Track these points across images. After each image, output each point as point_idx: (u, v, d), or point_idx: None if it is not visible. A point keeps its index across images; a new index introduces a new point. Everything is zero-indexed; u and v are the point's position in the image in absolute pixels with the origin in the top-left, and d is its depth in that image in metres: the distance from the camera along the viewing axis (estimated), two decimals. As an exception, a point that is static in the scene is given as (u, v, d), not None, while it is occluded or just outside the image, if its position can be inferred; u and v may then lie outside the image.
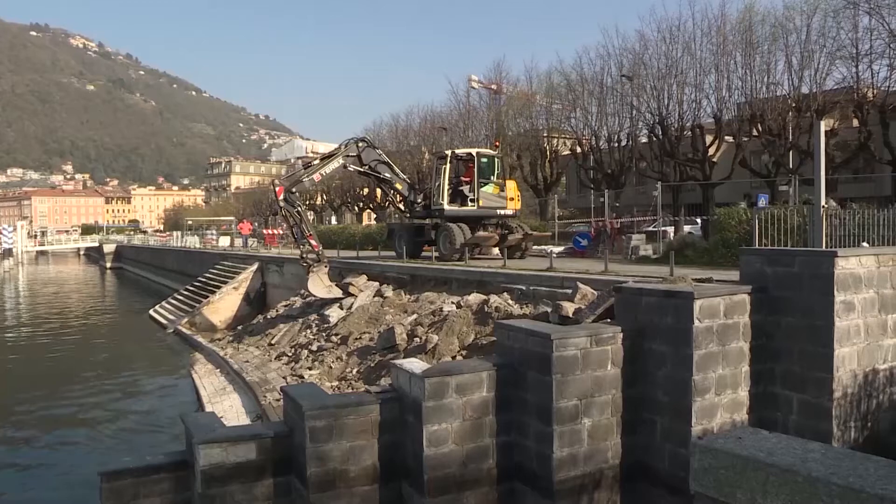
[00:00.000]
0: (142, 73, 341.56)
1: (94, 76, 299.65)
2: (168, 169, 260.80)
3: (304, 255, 15.60)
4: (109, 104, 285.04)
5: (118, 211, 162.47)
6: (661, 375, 6.86)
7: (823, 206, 8.36)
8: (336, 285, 15.90)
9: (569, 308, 8.57)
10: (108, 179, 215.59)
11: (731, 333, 6.86)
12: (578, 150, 28.92)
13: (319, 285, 15.40)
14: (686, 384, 6.62)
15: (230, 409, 12.04)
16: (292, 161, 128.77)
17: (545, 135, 32.41)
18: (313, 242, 15.39)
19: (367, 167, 16.66)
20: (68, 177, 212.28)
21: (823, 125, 9.54)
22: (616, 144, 26.81)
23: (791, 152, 21.17)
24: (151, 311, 27.85)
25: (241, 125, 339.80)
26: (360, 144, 16.54)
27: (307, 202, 58.98)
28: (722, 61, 22.00)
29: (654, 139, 24.17)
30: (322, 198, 59.02)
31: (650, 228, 20.22)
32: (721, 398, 6.77)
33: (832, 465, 3.87)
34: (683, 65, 22.91)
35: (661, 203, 17.85)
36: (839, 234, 8.58)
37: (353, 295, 15.39)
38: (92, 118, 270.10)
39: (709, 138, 22.98)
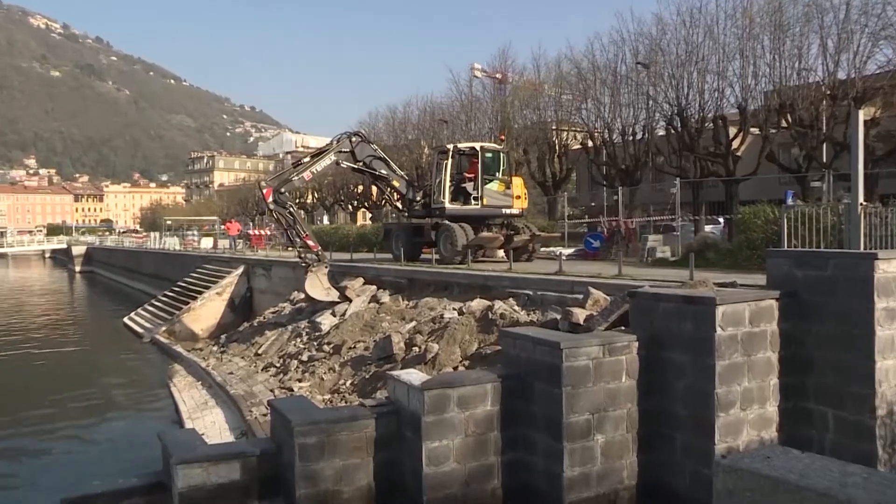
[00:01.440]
0: (114, 58, 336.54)
1: (59, 61, 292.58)
2: (144, 164, 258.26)
3: (303, 256, 15.58)
4: (77, 92, 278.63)
5: (89, 210, 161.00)
6: (681, 388, 6.84)
7: (862, 204, 8.29)
8: (333, 286, 15.89)
9: (580, 315, 8.56)
10: (76, 175, 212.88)
11: (757, 342, 6.84)
12: (590, 143, 28.90)
13: (317, 286, 15.38)
14: (708, 397, 6.60)
15: (212, 426, 12.02)
16: (281, 156, 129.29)
17: (554, 128, 32.40)
18: (311, 244, 15.40)
19: (361, 163, 16.67)
20: (31, 172, 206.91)
21: (862, 114, 9.47)
22: (631, 138, 26.78)
23: (824, 145, 20.90)
24: (126, 319, 27.79)
25: (224, 117, 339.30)
26: (354, 139, 16.55)
27: (296, 200, 59.07)
28: (748, 46, 21.74)
29: (673, 132, 24.11)
30: (313, 196, 59.08)
31: (668, 229, 20.22)
32: (747, 413, 6.74)
33: (877, 492, 3.74)
34: (705, 50, 22.73)
35: (679, 201, 17.86)
36: (879, 235, 8.48)
37: (348, 299, 15.39)
38: (58, 107, 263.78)
39: (732, 130, 22.80)
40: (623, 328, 7.61)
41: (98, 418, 14.58)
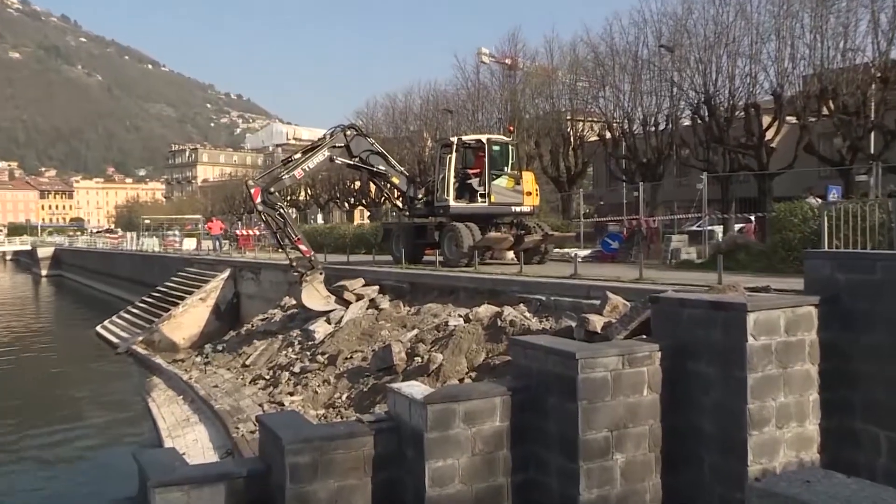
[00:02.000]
0: (83, 40, 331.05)
1: (18, 41, 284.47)
2: (120, 157, 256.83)
3: (294, 264, 15.58)
4: (42, 76, 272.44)
5: (57, 207, 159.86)
6: (709, 403, 6.82)
7: None
8: (330, 289, 15.92)
9: (597, 322, 8.55)
10: (42, 169, 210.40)
11: (794, 353, 6.80)
12: (608, 135, 28.89)
13: (315, 297, 15.38)
14: (739, 414, 6.56)
15: (194, 444, 12.04)
16: (270, 149, 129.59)
17: (569, 118, 32.40)
18: (303, 248, 15.40)
19: (357, 159, 16.70)
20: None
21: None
22: (653, 129, 26.76)
23: (872, 134, 20.59)
24: (99, 328, 27.76)
25: (208, 106, 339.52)
26: (349, 133, 16.59)
27: (288, 198, 59.29)
28: (785, 25, 21.39)
29: (699, 122, 24.04)
30: (306, 193, 59.19)
31: (693, 228, 20.16)
32: (783, 432, 6.70)
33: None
34: (736, 31, 22.52)
35: (706, 197, 17.79)
36: None
37: (346, 303, 15.42)
38: (18, 93, 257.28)
39: (766, 120, 22.62)
40: (644, 337, 7.60)
41: (66, 439, 14.41)
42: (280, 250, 16.22)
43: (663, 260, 15.95)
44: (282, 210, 15.36)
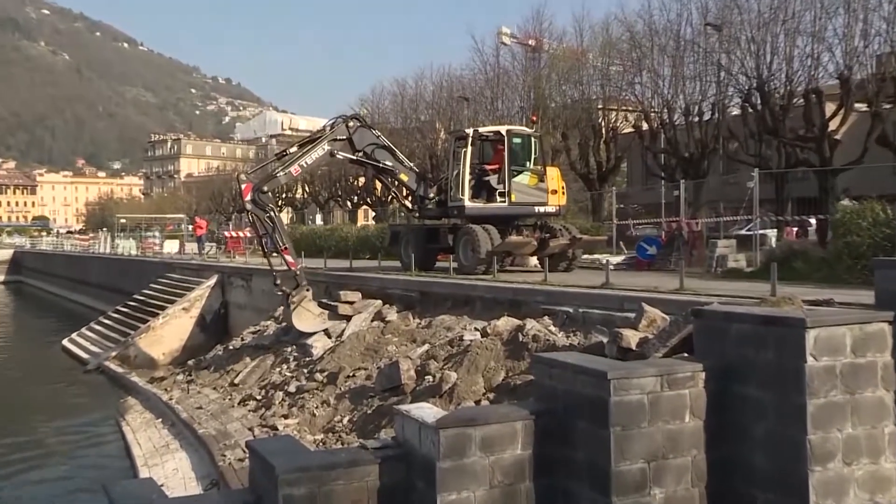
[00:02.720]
0: (46, 12, 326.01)
1: None
2: (92, 148, 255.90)
3: (279, 281, 15.60)
4: None
5: (17, 204, 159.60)
6: (761, 432, 6.77)
7: None
8: (320, 304, 16.00)
9: (631, 338, 8.55)
10: None
11: (863, 377, 6.72)
12: (645, 126, 28.85)
13: (309, 319, 15.45)
14: (798, 447, 6.48)
15: (175, 474, 12.13)
16: (263, 140, 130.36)
17: (600, 107, 32.40)
18: (289, 259, 15.41)
19: (361, 154, 16.80)
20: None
21: None
22: (696, 119, 26.69)
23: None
24: (66, 342, 27.94)
25: (193, 91, 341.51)
26: (352, 124, 16.69)
27: (283, 196, 59.66)
28: (856, -4, 21.01)
29: (751, 111, 23.90)
30: (303, 190, 59.47)
31: (743, 232, 20.07)
32: (853, 469, 6.61)
33: None
34: (796, 5, 22.12)
35: (758, 197, 17.74)
36: None
37: (343, 317, 15.47)
38: None
39: (830, 107, 22.29)
40: (686, 355, 7.57)
41: (27, 468, 14.42)
42: (274, 254, 16.29)
43: (707, 268, 15.90)
44: (272, 213, 15.44)
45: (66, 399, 20.73)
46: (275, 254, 15.85)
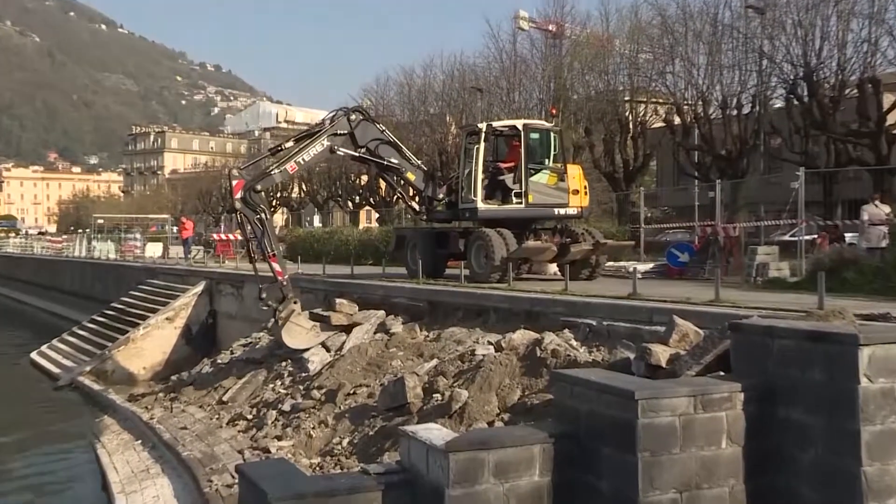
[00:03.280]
0: None
1: None
2: (65, 141, 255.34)
3: (264, 295, 15.54)
4: None
5: None
6: (808, 461, 6.75)
7: None
8: (311, 314, 16.03)
9: (661, 354, 8.53)
10: None
11: (926, 401, 6.67)
12: (677, 120, 28.85)
13: (300, 334, 15.41)
14: (851, 479, 6.43)
15: (155, 502, 12.13)
16: (256, 134, 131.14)
17: (627, 99, 32.43)
18: (276, 267, 15.34)
19: (364, 150, 16.84)
20: None
21: None
22: (735, 112, 26.68)
23: None
24: (34, 355, 27.95)
25: (178, 79, 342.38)
26: (354, 117, 16.72)
27: (278, 195, 59.89)
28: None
29: (796, 103, 23.84)
30: (300, 189, 59.71)
31: (786, 237, 20.00)
32: (916, 508, 6.56)
33: None
34: (851, -17, 22.09)
35: (803, 199, 17.68)
36: None
37: (335, 328, 15.50)
38: None
39: (888, 99, 22.06)
40: (722, 374, 7.57)
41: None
42: (251, 262, 16.29)
43: (746, 277, 15.85)
44: (263, 214, 15.40)
45: (34, 419, 20.63)
46: (260, 260, 15.80)
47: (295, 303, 15.51)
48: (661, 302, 11.40)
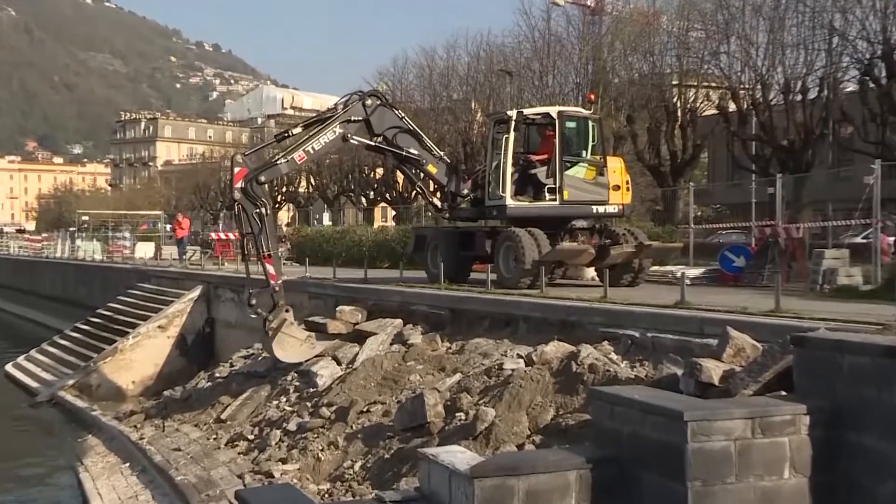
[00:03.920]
0: None
1: None
2: (45, 128, 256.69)
3: (254, 301, 15.53)
4: None
5: None
6: (887, 495, 6.66)
7: None
8: (306, 323, 16.05)
9: (713, 370, 8.49)
10: None
11: None
12: (732, 107, 28.69)
13: (293, 347, 15.44)
14: (937, 514, 6.40)
15: (145, 533, 12.21)
16: (259, 122, 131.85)
17: (675, 82, 32.29)
18: (269, 269, 15.36)
19: (380, 139, 16.90)
20: None
21: None
22: (799, 97, 26.47)
23: None
24: (10, 367, 28.20)
25: (172, 59, 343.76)
26: (370, 102, 16.77)
27: (284, 189, 60.24)
28: None
29: (872, 86, 23.57)
30: (308, 183, 59.95)
31: (859, 239, 19.81)
32: None
33: None
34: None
35: (878, 196, 17.49)
36: None
37: (332, 338, 15.53)
38: None
39: None
40: (783, 394, 7.52)
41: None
42: (244, 262, 16.34)
43: (811, 284, 15.77)
44: (264, 210, 15.45)
45: (9, 439, 20.79)
46: (254, 258, 15.82)
47: (287, 311, 15.53)
48: (712, 311, 11.37)
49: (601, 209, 17.34)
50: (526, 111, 18.23)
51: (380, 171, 49.31)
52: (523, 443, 10.26)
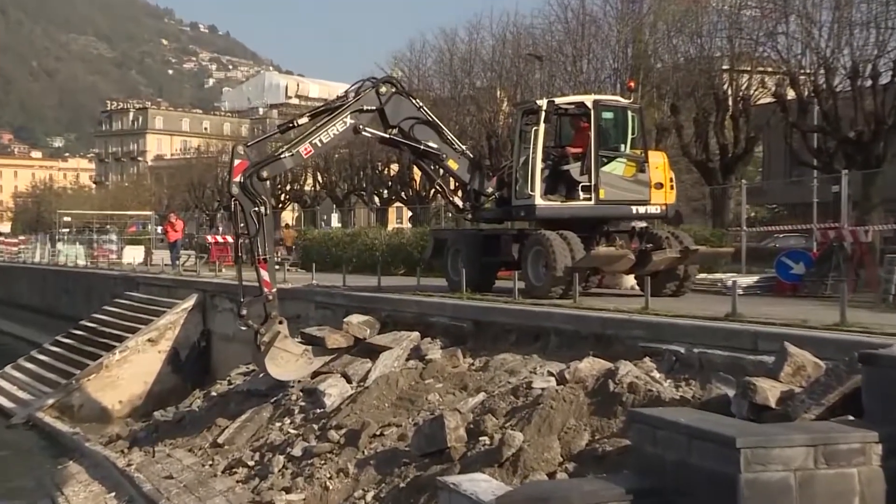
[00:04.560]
0: None
1: None
2: (22, 119, 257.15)
3: (244, 312, 15.59)
4: None
5: None
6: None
7: None
8: (302, 335, 16.11)
9: (769, 391, 8.48)
10: None
11: None
12: (791, 94, 28.55)
13: (288, 363, 15.51)
14: None
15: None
16: (261, 112, 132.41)
17: (726, 67, 32.17)
18: (264, 276, 15.42)
19: (395, 131, 16.97)
20: None
21: None
22: (869, 83, 26.29)
23: None
24: (-17, 385, 28.30)
25: (164, 43, 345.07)
26: (385, 90, 16.83)
27: (288, 187, 60.44)
28: None
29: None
30: (315, 181, 60.15)
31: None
32: None
33: None
34: None
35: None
36: None
37: (331, 352, 15.57)
38: None
39: None
40: (851, 418, 7.51)
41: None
42: (236, 264, 16.39)
43: (882, 295, 15.69)
44: (263, 208, 15.48)
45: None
46: (247, 261, 15.93)
47: (280, 322, 15.59)
48: (768, 325, 11.33)
49: (642, 210, 17.34)
50: (557, 100, 18.22)
51: (395, 167, 49.48)
52: (555, 471, 10.25)
